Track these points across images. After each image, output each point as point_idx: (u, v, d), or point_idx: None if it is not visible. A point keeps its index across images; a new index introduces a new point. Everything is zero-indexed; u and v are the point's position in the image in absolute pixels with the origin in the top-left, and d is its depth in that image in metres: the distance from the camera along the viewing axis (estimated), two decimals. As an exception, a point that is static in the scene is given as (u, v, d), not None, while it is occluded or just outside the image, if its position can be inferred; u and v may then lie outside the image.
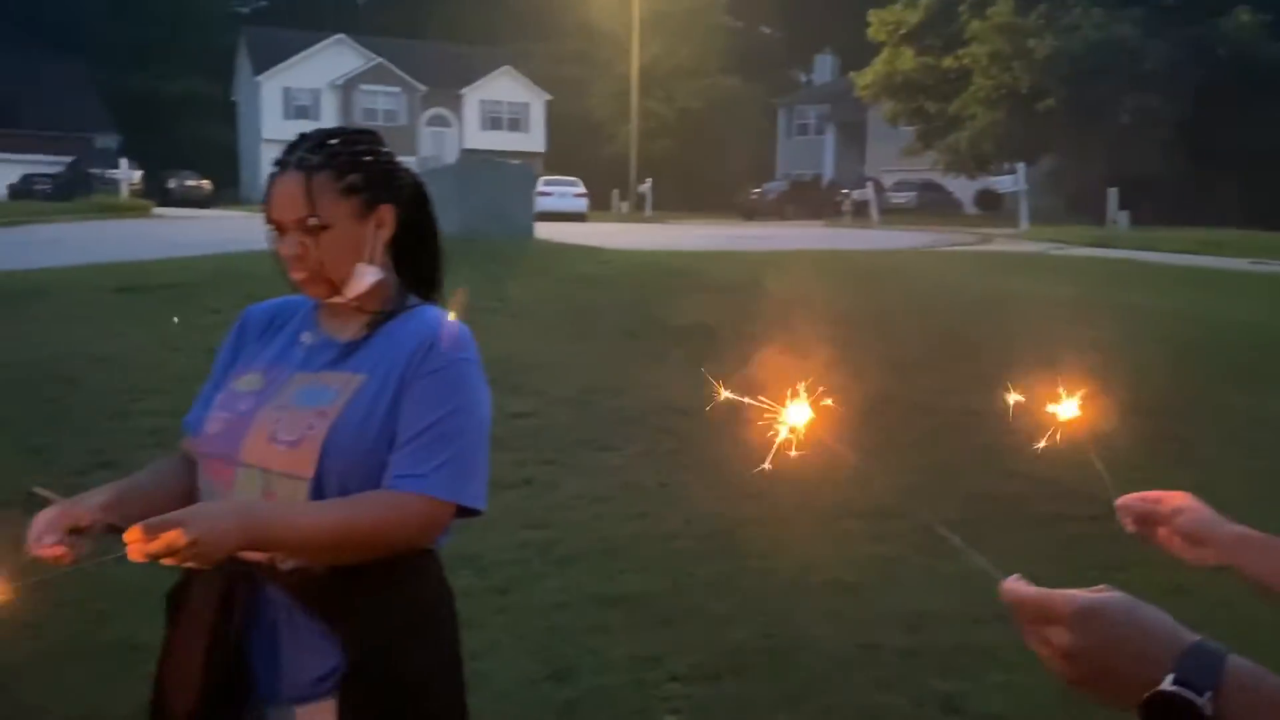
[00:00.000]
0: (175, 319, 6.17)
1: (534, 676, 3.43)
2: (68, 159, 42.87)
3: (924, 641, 3.66)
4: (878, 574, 4.32)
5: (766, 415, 1.06)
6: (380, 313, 1.61)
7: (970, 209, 39.49)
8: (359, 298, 1.60)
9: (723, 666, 3.49)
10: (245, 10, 63.45)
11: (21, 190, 39.08)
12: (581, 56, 51.36)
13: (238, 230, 21.51)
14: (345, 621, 1.49)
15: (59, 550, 1.40)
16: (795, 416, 1.02)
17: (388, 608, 1.52)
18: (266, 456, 1.51)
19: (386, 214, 1.62)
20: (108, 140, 45.24)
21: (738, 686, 3.38)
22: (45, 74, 47.35)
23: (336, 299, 1.60)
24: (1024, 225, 26.16)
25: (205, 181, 42.61)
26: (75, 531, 1.42)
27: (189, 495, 1.60)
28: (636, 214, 37.04)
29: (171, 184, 40.90)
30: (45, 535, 1.41)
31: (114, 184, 34.59)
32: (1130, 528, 1.28)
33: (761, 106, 52.49)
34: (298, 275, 1.57)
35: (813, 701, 3.28)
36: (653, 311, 9.74)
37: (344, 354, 1.59)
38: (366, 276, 1.60)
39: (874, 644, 3.69)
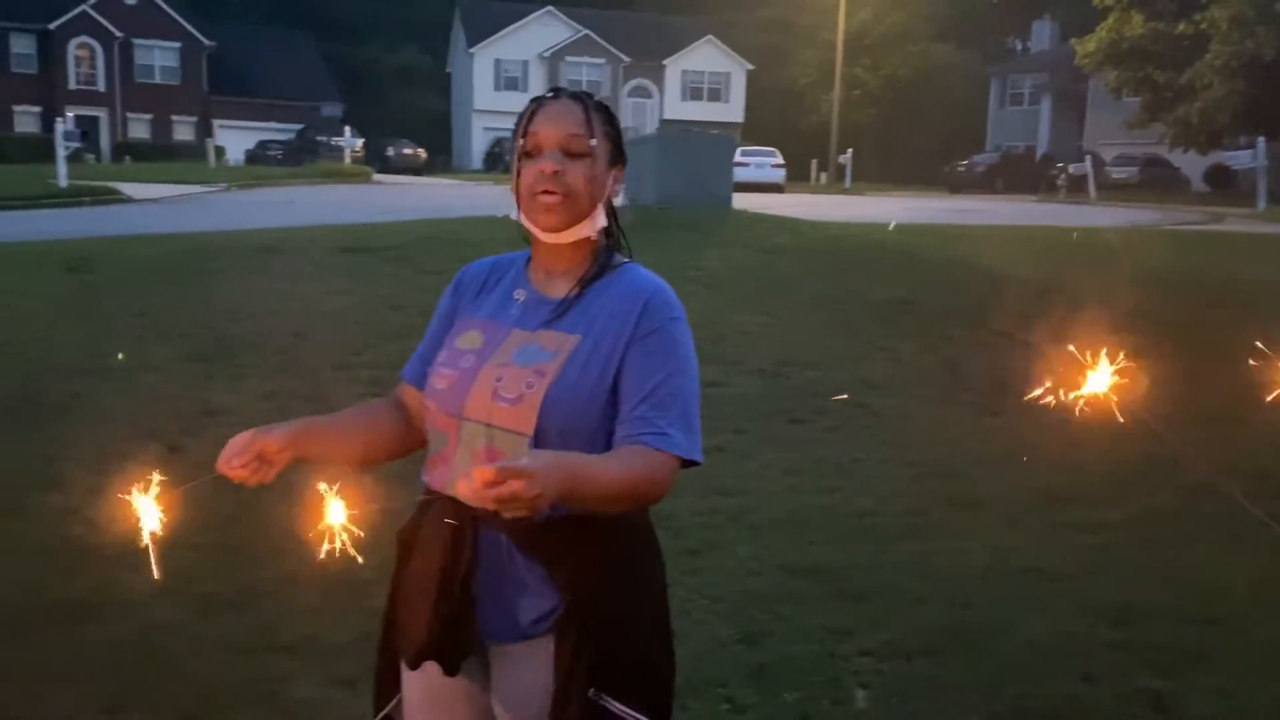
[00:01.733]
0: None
1: (725, 639, 3.48)
2: (297, 127, 45.87)
3: (1132, 637, 3.49)
4: (1084, 564, 4.13)
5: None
6: (591, 269, 1.67)
7: (1199, 186, 36.69)
8: (577, 246, 1.66)
9: (915, 646, 3.43)
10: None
11: (257, 155, 42.19)
12: (784, 25, 50.60)
13: (449, 197, 22.52)
14: (562, 565, 1.56)
15: (245, 473, 1.56)
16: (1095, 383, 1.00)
17: (603, 554, 1.59)
18: (489, 412, 1.58)
19: (620, 172, 1.71)
20: (333, 109, 48.03)
21: (930, 667, 3.32)
22: (277, 46, 50.68)
23: (565, 235, 1.64)
24: (1261, 205, 24.12)
25: (420, 150, 44.63)
26: (261, 458, 1.58)
27: (386, 440, 1.72)
28: (836, 185, 36.35)
29: (389, 151, 43.03)
30: (235, 458, 1.57)
31: (338, 150, 36.79)
32: None
33: (973, 75, 50.33)
34: (548, 195, 1.61)
35: (1009, 688, 3.19)
36: (850, 285, 9.59)
37: (558, 313, 1.65)
38: (599, 220, 1.66)
39: (1076, 635, 3.54)
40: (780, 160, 34.50)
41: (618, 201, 1.73)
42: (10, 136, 40.69)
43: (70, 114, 33.48)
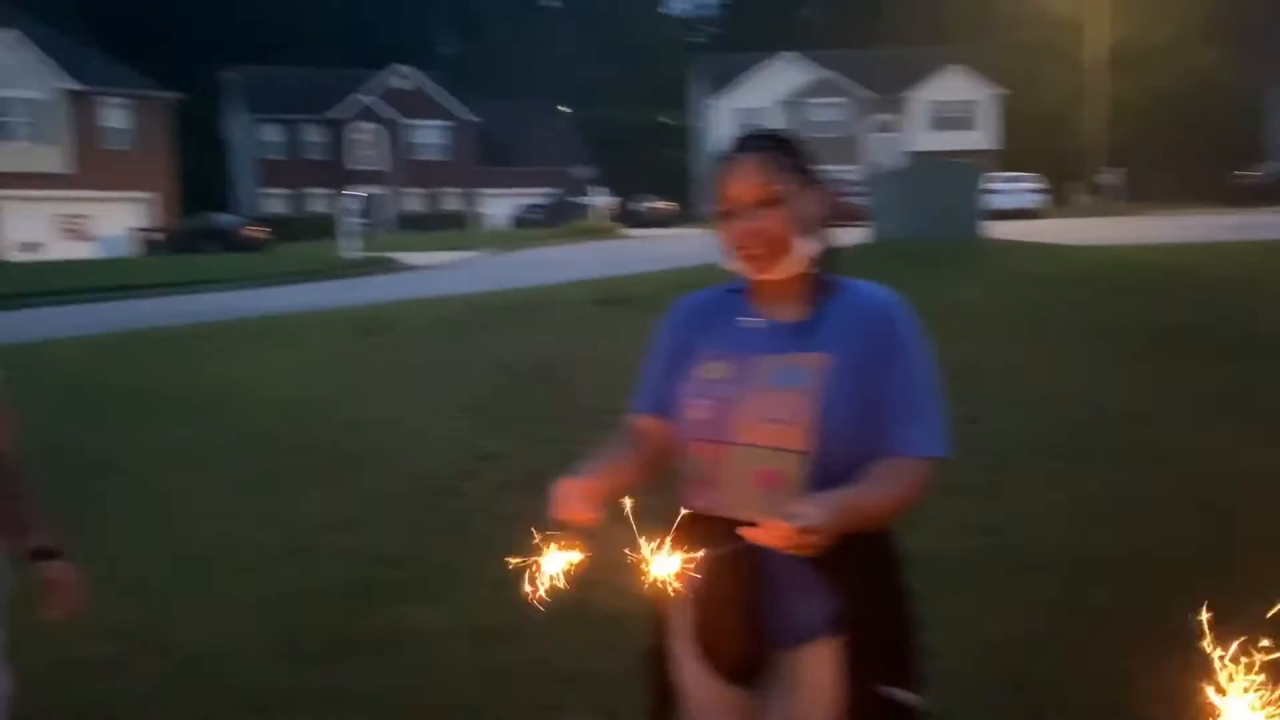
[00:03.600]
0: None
1: (990, 684, 3.35)
2: (554, 190, 48.46)
3: None
4: None
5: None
6: (819, 291, 1.77)
7: None
8: (795, 275, 1.75)
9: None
10: (700, 39, 67.58)
11: (517, 220, 44.89)
12: (1037, 46, 48.54)
13: (695, 246, 23.02)
14: (835, 568, 1.65)
15: (590, 516, 1.63)
16: None
17: (867, 555, 1.69)
18: (760, 435, 1.69)
19: (820, 192, 1.78)
20: (585, 171, 50.35)
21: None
22: (534, 117, 53.88)
23: (777, 273, 1.75)
24: None
25: (667, 203, 45.94)
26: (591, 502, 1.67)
27: (646, 473, 1.83)
28: (1102, 207, 34.22)
29: (638, 207, 44.59)
30: (576, 502, 1.65)
31: (591, 210, 38.53)
32: None
33: (1250, 81, 46.18)
34: (749, 251, 1.74)
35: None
36: (1117, 311, 9.03)
37: (802, 335, 1.74)
38: (807, 250, 1.75)
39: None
40: (1037, 185, 32.95)
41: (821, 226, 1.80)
42: (303, 216, 45.26)
43: (353, 192, 36.90)
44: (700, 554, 1.66)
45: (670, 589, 1.56)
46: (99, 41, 44.60)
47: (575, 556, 1.58)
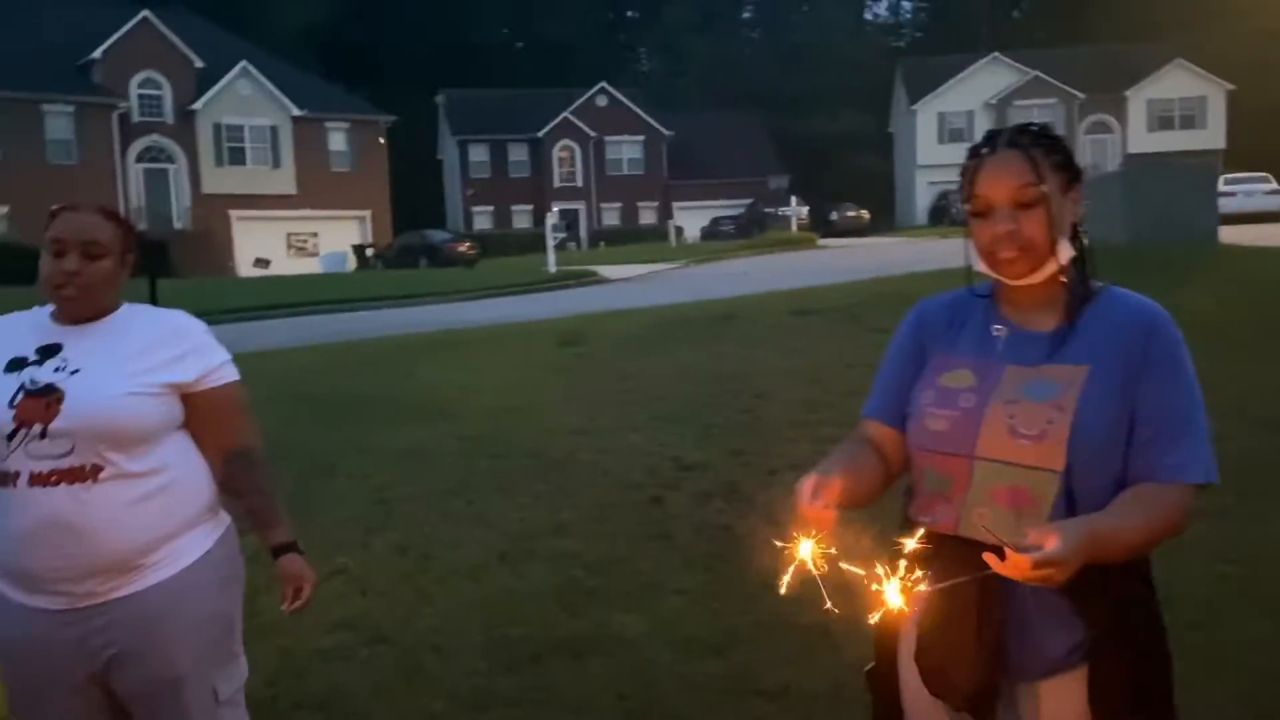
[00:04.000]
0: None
1: (1237, 722, 3.08)
2: (747, 201, 48.45)
3: None
4: None
5: None
6: (1074, 298, 1.63)
7: None
8: (1048, 279, 1.63)
9: None
10: (900, 44, 66.12)
11: (710, 232, 45.10)
12: (1265, 36, 44.93)
13: (893, 255, 22.48)
14: (1087, 596, 1.54)
15: (831, 516, 1.53)
16: None
17: (1122, 587, 1.57)
18: (1009, 451, 1.57)
19: (1080, 192, 1.66)
20: (779, 181, 50.11)
21: None
22: (728, 129, 54.06)
23: (1032, 279, 1.63)
24: None
25: (864, 212, 45.12)
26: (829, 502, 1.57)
27: (877, 481, 1.72)
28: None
29: (833, 216, 43.99)
30: (816, 500, 1.55)
31: (784, 220, 38.28)
32: None
33: None
34: (1006, 253, 1.61)
35: None
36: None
37: (1055, 345, 1.62)
38: (1064, 253, 1.63)
39: None
40: (1273, 186, 30.44)
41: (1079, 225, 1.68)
42: (509, 232, 47.01)
43: (555, 209, 38.07)
44: (936, 579, 1.57)
45: (902, 613, 1.48)
46: (319, 69, 47.84)
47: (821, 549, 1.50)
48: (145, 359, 1.99)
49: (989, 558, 1.41)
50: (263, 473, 2.14)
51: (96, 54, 37.06)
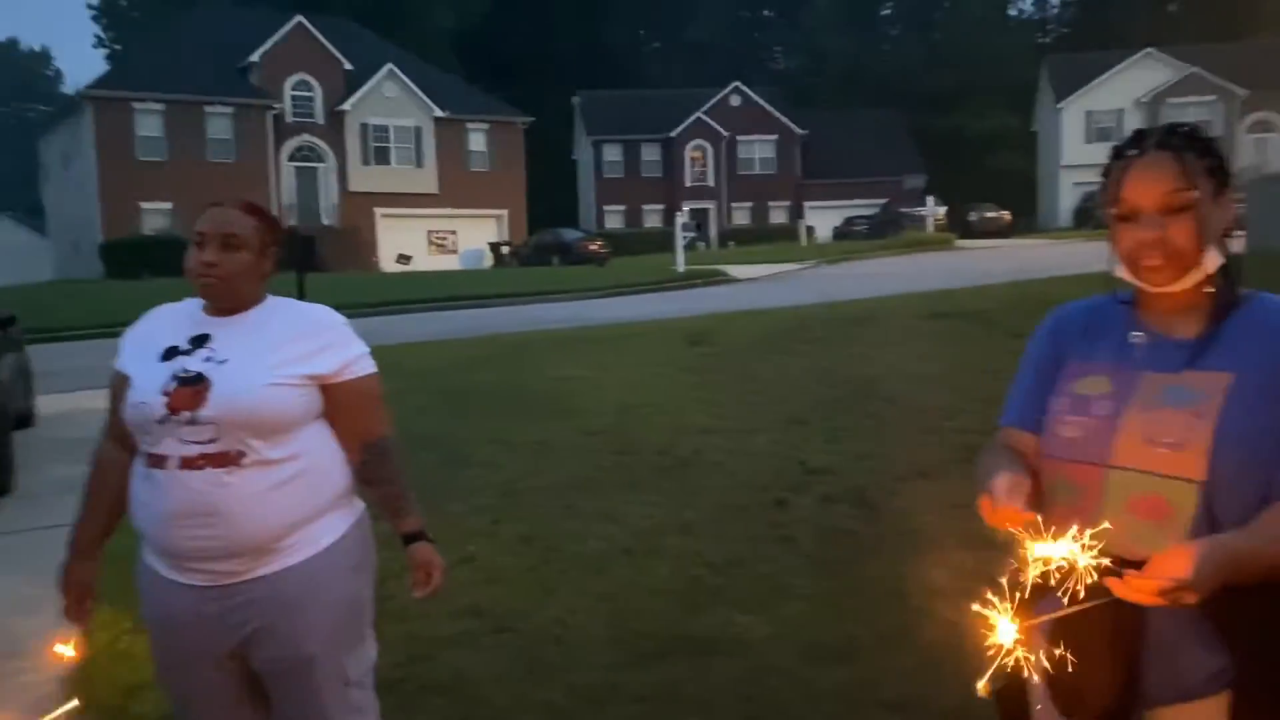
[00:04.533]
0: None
1: None
2: (881, 201, 47.55)
3: None
4: None
5: None
6: (1219, 303, 1.56)
7: None
8: (1198, 285, 1.55)
9: None
10: (1047, 40, 63.84)
11: (843, 232, 44.45)
12: None
13: (1035, 258, 21.73)
14: (1232, 619, 1.46)
15: (1030, 515, 1.46)
16: None
17: (1268, 608, 1.47)
18: (1146, 460, 1.51)
19: (1230, 197, 1.57)
20: (916, 180, 49.00)
21: None
22: (863, 127, 53.15)
23: (1177, 286, 1.56)
24: None
25: (1004, 213, 43.74)
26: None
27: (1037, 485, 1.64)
28: None
29: (972, 217, 42.77)
30: (1017, 501, 1.49)
31: (921, 220, 37.44)
32: None
33: None
34: (1151, 261, 1.54)
35: None
36: None
37: (1197, 352, 1.55)
38: (1212, 262, 1.55)
39: None
40: None
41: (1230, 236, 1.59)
42: (640, 231, 47.34)
43: (686, 208, 38.12)
44: (1065, 595, 1.50)
45: (1021, 649, 1.40)
46: (460, 71, 49.12)
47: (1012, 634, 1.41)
48: (287, 351, 2.07)
49: (1111, 581, 1.36)
50: (395, 462, 2.21)
51: (254, 57, 38.93)
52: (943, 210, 38.19)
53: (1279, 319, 1.54)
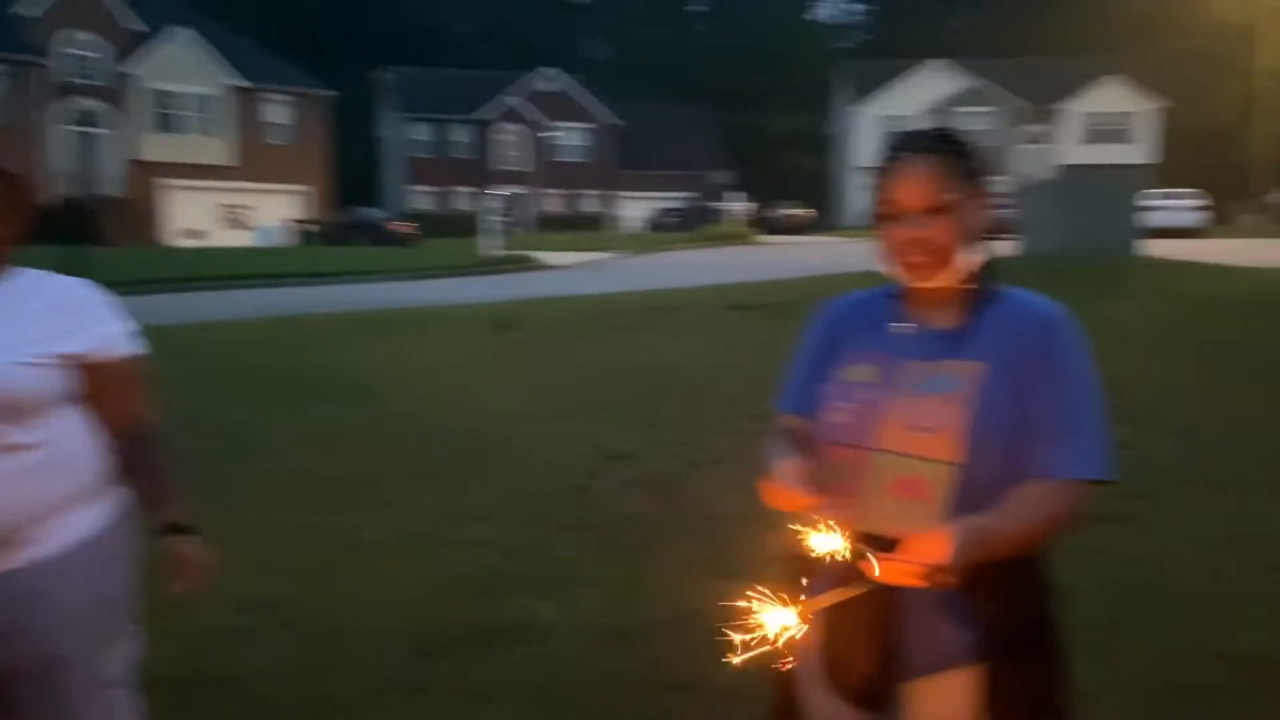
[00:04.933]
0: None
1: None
2: (691, 194, 48.53)
3: None
4: None
5: None
6: (975, 298, 1.67)
7: None
8: (956, 281, 1.66)
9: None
10: (847, 45, 66.65)
11: (655, 223, 45.15)
12: (1202, 56, 46.13)
13: (830, 254, 22.69)
14: (977, 595, 1.56)
15: (809, 497, 1.53)
16: None
17: (1015, 583, 1.59)
18: (906, 443, 1.60)
19: (987, 197, 1.69)
20: (723, 176, 50.27)
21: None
22: (675, 121, 54.08)
23: (937, 282, 1.66)
24: None
25: (804, 210, 45.44)
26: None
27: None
28: (1269, 227, 32.28)
29: (775, 213, 44.23)
30: (803, 485, 1.55)
31: (727, 215, 38.47)
32: None
33: None
34: (913, 258, 1.64)
35: None
36: (1287, 338, 8.46)
37: (955, 342, 1.65)
38: (971, 258, 1.66)
39: None
40: (1199, 202, 31.29)
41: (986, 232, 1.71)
42: (450, 214, 46.54)
43: (496, 192, 37.74)
44: (835, 576, 1.56)
45: (790, 629, 1.46)
46: (264, 40, 46.85)
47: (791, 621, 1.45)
48: (38, 327, 1.91)
49: (867, 566, 1.43)
50: (157, 450, 2.07)
51: (29, 10, 35.87)
52: (749, 206, 39.36)
53: (1026, 313, 1.66)
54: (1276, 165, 35.71)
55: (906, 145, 1.68)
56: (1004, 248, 11.45)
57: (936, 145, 1.66)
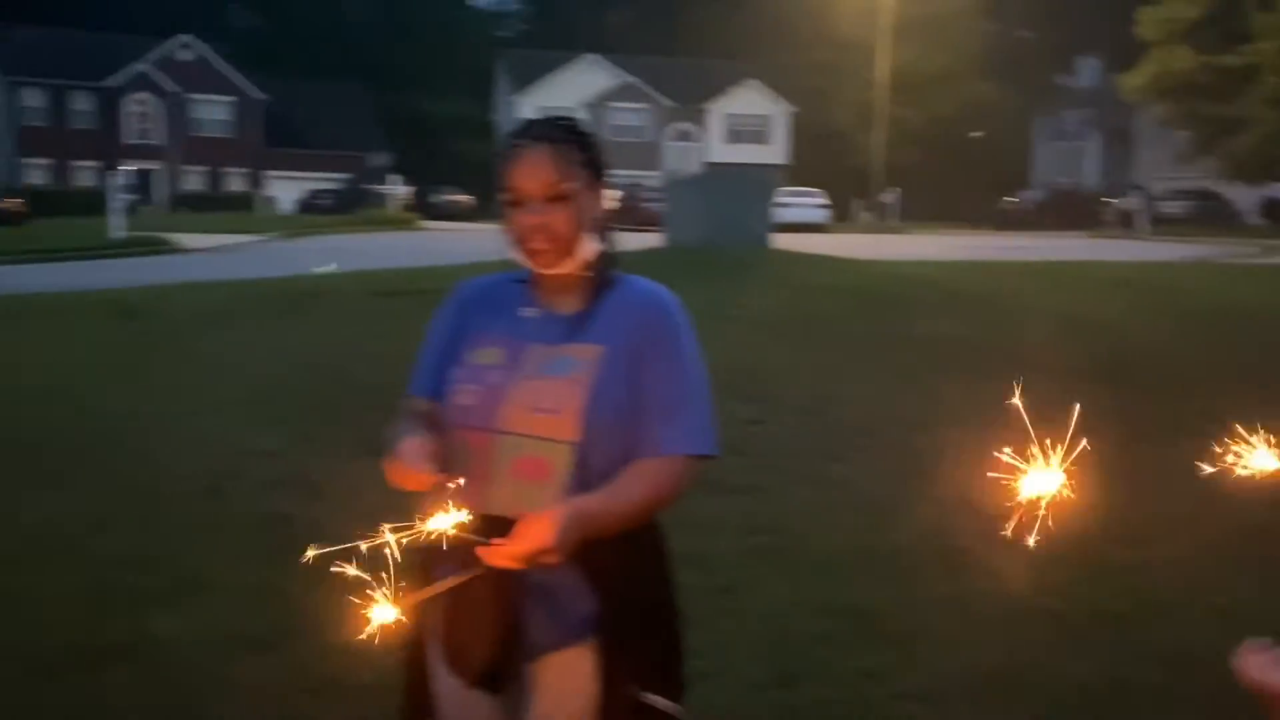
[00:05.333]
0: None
1: (758, 680, 3.40)
2: (347, 176, 46.81)
3: (1182, 681, 3.35)
4: (1132, 605, 4.00)
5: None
6: (597, 284, 1.74)
7: (1254, 219, 36.08)
8: (579, 268, 1.72)
9: (953, 690, 3.33)
10: (508, 34, 67.07)
11: (306, 205, 43.07)
12: (828, 67, 50.84)
13: (490, 241, 22.73)
14: (593, 570, 1.61)
15: (435, 478, 1.54)
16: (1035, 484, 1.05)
17: (630, 558, 1.66)
18: (529, 424, 1.64)
19: (606, 188, 1.76)
20: (382, 158, 48.99)
21: (971, 713, 3.22)
22: (328, 98, 51.92)
23: (561, 269, 1.71)
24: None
25: (466, 196, 45.25)
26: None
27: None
28: (883, 224, 36.25)
29: (437, 199, 43.66)
30: (426, 464, 1.55)
31: (386, 199, 37.49)
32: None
33: (1018, 112, 50.12)
34: (536, 244, 1.68)
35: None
36: (892, 322, 9.50)
37: (576, 326, 1.72)
38: (592, 246, 1.73)
39: (1124, 680, 3.42)
40: (824, 201, 34.51)
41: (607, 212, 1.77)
42: (69, 191, 41.90)
43: (126, 168, 34.45)
44: (463, 560, 1.57)
45: (400, 622, 1.48)
46: None
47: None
48: None
49: (481, 551, 1.46)
50: None
51: None
52: (408, 190, 38.58)
53: (640, 298, 1.74)
54: (889, 168, 40.10)
55: (528, 133, 1.71)
56: (649, 240, 12.01)
57: (557, 134, 1.71)
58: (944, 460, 5.97)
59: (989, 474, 1.10)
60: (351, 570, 1.47)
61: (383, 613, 1.47)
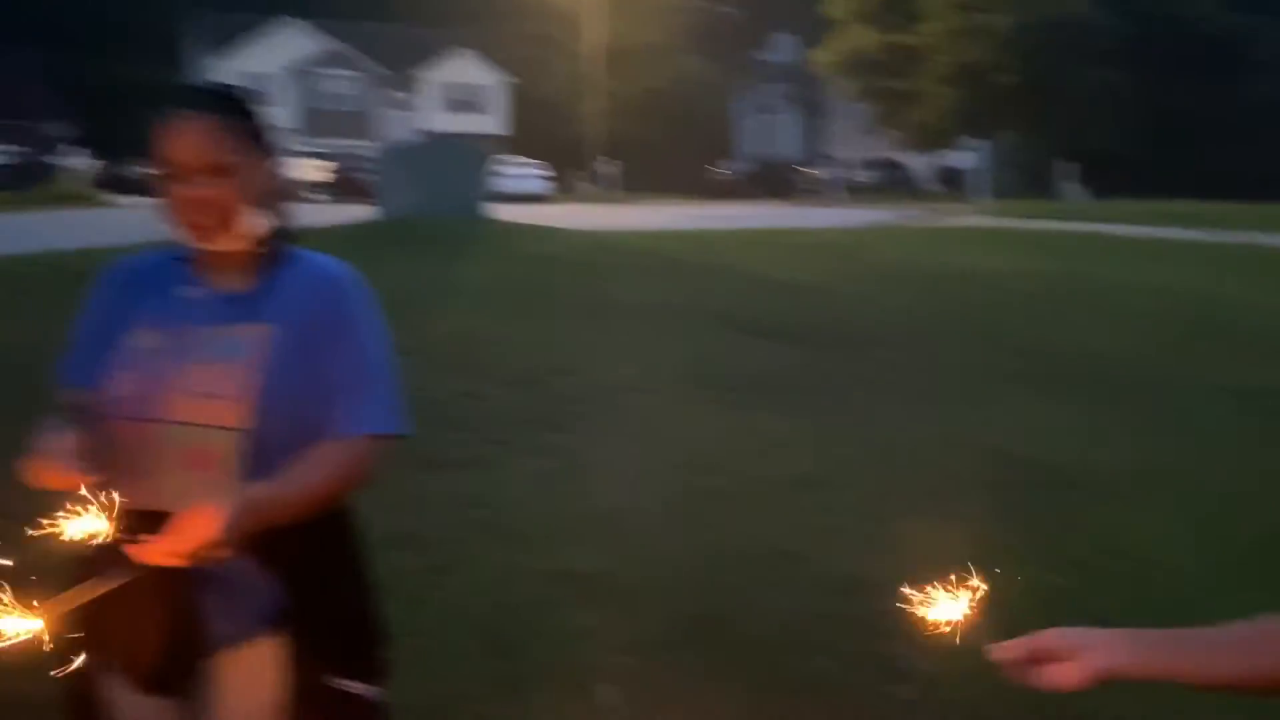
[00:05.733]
0: None
1: (474, 653, 3.41)
2: (22, 148, 42.13)
3: (859, 606, 3.66)
4: (819, 542, 4.34)
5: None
6: (267, 261, 1.65)
7: (932, 186, 39.76)
8: (247, 245, 1.63)
9: (662, 639, 3.49)
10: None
11: (-28, 180, 38.41)
12: (545, 38, 51.05)
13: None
14: (276, 559, 1.55)
15: (81, 476, 1.41)
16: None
17: (317, 544, 1.61)
18: (194, 412, 1.54)
19: (274, 162, 1.67)
20: (65, 128, 44.47)
21: (675, 657, 3.38)
22: (-4, 63, 46.49)
23: (224, 245, 1.61)
24: (983, 200, 26.45)
25: (161, 169, 41.92)
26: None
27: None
28: (601, 195, 36.95)
29: (131, 172, 40.13)
30: (75, 461, 1.41)
31: (72, 173, 34.15)
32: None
33: (722, 86, 52.44)
34: (198, 219, 1.58)
35: (750, 669, 3.29)
36: (607, 291, 9.74)
37: (245, 305, 1.62)
38: (257, 221, 1.63)
39: (813, 610, 3.71)
40: (545, 172, 34.74)
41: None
42: None
43: None
44: (93, 585, 1.44)
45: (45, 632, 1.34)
46: None
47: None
48: None
49: (132, 550, 1.37)
50: None
51: None
52: (93, 163, 35.28)
53: (316, 275, 1.67)
54: (612, 140, 40.87)
55: (185, 102, 1.61)
56: (361, 211, 11.63)
57: (216, 104, 1.61)
58: (662, 423, 6.22)
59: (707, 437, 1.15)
60: None
61: (15, 624, 1.33)
